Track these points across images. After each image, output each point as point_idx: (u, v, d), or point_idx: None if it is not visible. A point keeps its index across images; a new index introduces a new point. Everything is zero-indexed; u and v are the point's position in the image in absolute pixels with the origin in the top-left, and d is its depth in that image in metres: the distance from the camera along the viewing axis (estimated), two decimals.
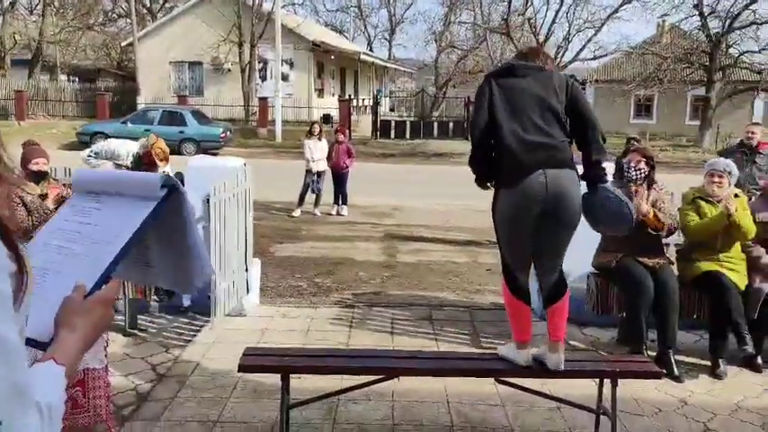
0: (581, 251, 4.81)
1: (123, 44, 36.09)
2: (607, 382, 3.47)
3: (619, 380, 4.00)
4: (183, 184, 4.54)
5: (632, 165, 4.82)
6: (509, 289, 3.38)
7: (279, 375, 3.40)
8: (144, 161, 6.08)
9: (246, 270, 5.59)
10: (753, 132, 7.30)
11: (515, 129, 3.15)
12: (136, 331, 5.09)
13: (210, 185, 4.91)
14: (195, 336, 5.03)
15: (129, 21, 33.03)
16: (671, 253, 5.02)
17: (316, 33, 34.07)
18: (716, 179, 4.79)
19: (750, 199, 5.66)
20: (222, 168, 5.36)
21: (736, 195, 4.83)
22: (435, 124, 27.89)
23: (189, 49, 30.57)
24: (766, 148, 7.31)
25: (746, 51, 29.76)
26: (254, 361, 3.40)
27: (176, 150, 20.44)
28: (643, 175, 4.80)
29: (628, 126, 35.07)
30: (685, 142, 31.05)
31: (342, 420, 3.79)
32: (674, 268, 4.88)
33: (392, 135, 27.14)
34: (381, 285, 6.92)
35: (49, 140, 22.68)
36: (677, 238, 5.08)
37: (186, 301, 5.46)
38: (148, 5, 39.96)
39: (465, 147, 27.20)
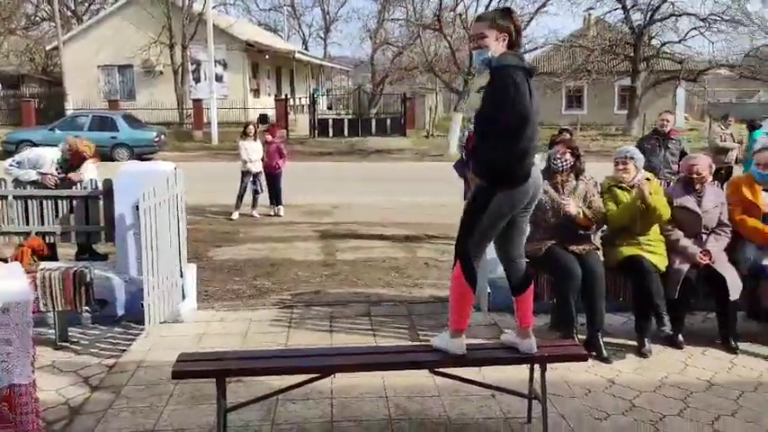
0: None
1: (48, 48, 34.85)
2: (538, 367, 3.60)
3: (549, 364, 4.17)
4: (112, 192, 4.48)
5: (558, 155, 4.99)
6: (466, 277, 3.46)
7: (214, 380, 3.39)
8: (72, 163, 5.95)
9: (181, 276, 5.53)
10: (666, 120, 7.71)
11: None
12: (67, 344, 4.97)
13: (140, 191, 4.84)
14: (130, 345, 4.94)
15: (53, 24, 31.91)
16: (597, 239, 5.21)
17: (249, 33, 33.69)
18: (620, 166, 5.03)
19: (669, 184, 5.93)
20: (152, 173, 5.27)
21: (647, 179, 5.06)
22: (373, 121, 27.98)
23: (118, 52, 29.79)
24: (677, 134, 7.73)
25: (667, 42, 30.97)
26: (187, 366, 3.37)
27: (109, 156, 19.95)
28: (568, 165, 4.98)
29: (560, 117, 35.94)
30: (615, 131, 32.09)
31: (281, 421, 3.80)
32: (600, 254, 5.07)
33: (330, 133, 27.11)
34: (320, 284, 6.94)
35: None
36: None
37: (120, 311, 5.36)
38: (73, 8, 38.69)
39: (403, 143, 27.42)
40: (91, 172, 6.02)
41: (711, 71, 32.32)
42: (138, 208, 4.71)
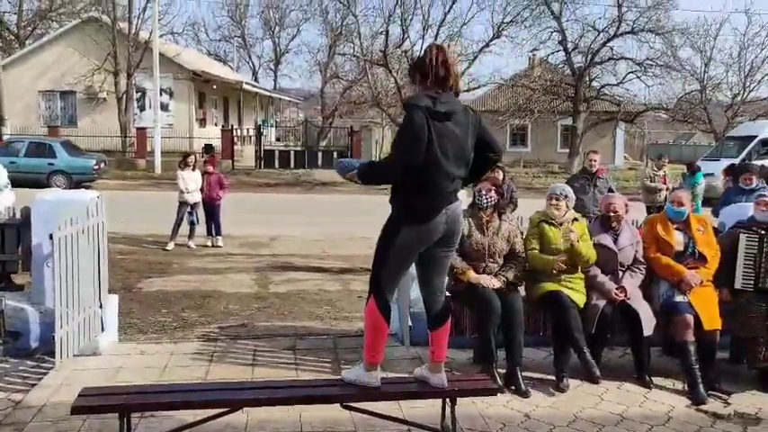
0: None
1: None
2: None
3: (468, 398, 4.22)
4: (30, 220, 4.36)
5: (483, 192, 5.10)
6: (379, 307, 3.47)
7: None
8: None
9: (101, 307, 5.38)
10: (593, 160, 8.00)
11: (438, 175, 3.35)
12: None
13: (58, 220, 4.72)
14: (41, 379, 4.76)
15: None
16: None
17: (197, 63, 33.54)
18: (553, 201, 5.17)
19: (592, 221, 6.11)
20: (72, 202, 5.15)
21: (575, 219, 5.21)
22: (320, 154, 28.06)
23: (60, 78, 29.24)
24: (604, 173, 8.03)
25: (606, 84, 32.13)
26: (89, 401, 3.28)
27: (45, 184, 19.42)
28: (493, 202, 5.09)
29: (504, 154, 36.72)
30: (557, 169, 32.95)
31: None
32: (522, 289, 5.17)
33: (276, 165, 27.06)
34: (250, 317, 6.85)
35: None
36: None
37: (34, 343, 5.17)
38: (16, 32, 37.85)
39: None
40: (7, 199, 5.86)
41: (649, 113, 33.68)
42: (51, 237, 4.59)
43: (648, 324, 4.94)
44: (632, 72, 31.54)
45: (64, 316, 4.69)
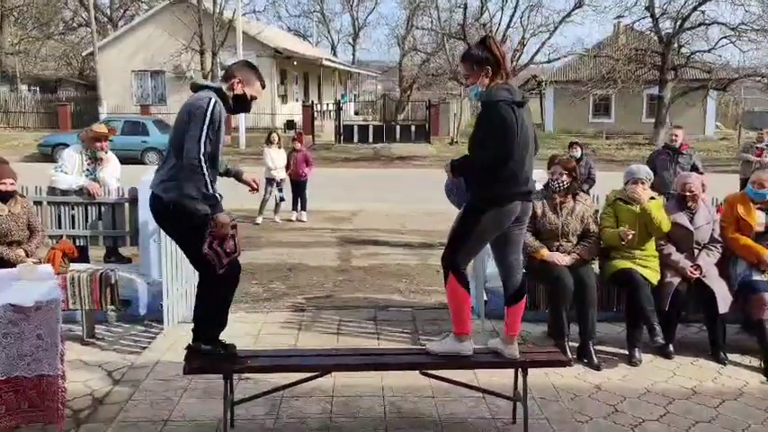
0: None
1: (84, 54, 35.89)
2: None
3: (541, 370, 4.45)
4: (137, 200, 4.94)
5: (555, 177, 5.23)
6: (460, 282, 3.73)
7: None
8: (94, 147, 6.37)
9: None
10: (675, 135, 7.90)
11: (522, 163, 3.56)
12: (94, 340, 5.36)
13: None
14: (150, 343, 5.31)
15: (89, 30, 32.86)
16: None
17: (278, 39, 34.30)
18: (631, 186, 5.20)
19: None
20: None
21: (651, 198, 5.26)
22: (398, 128, 28.29)
23: (151, 58, 30.59)
24: (687, 148, 7.91)
25: (696, 51, 30.75)
26: (197, 364, 3.70)
27: (139, 160, 20.59)
28: (564, 185, 5.21)
29: (587, 125, 35.95)
30: (642, 140, 31.92)
31: (284, 416, 4.12)
32: (595, 266, 5.31)
33: (355, 139, 27.45)
34: (333, 289, 7.26)
35: (11, 152, 22.57)
36: None
37: (142, 310, 5.73)
38: (109, 14, 39.73)
39: (427, 150, 27.58)
40: (114, 167, 6.41)
41: (746, 79, 32.00)
42: None
43: (724, 302, 4.99)
44: (725, 37, 30.04)
45: (169, 287, 5.19)
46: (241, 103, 3.76)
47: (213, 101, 3.53)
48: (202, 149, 3.45)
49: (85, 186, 6.00)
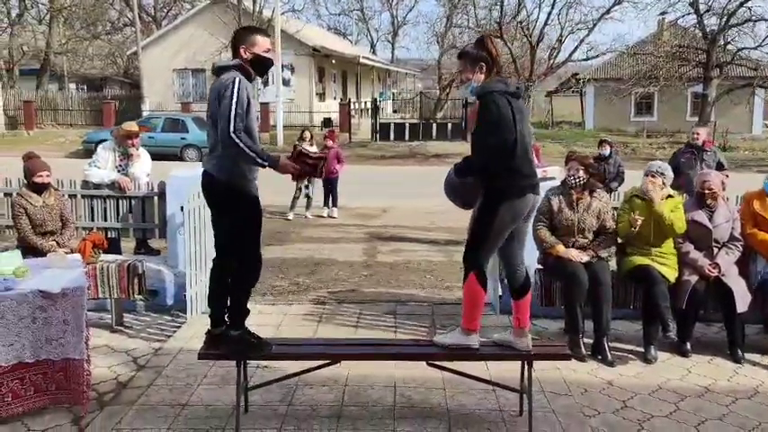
0: (528, 249, 5.29)
1: (129, 53, 36.81)
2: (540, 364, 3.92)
3: (554, 365, 4.50)
4: (165, 194, 5.18)
5: (572, 172, 5.25)
6: (480, 282, 3.81)
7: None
8: (126, 144, 6.62)
9: None
10: (697, 133, 7.84)
11: (527, 152, 3.68)
12: (122, 328, 5.58)
13: (188, 194, 5.40)
14: (175, 332, 5.50)
15: (134, 29, 33.70)
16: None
17: (316, 38, 34.62)
18: (649, 178, 5.22)
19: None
20: (199, 178, 5.80)
21: (669, 196, 5.25)
22: (434, 126, 28.30)
23: (192, 57, 31.22)
24: (711, 145, 7.82)
25: (743, 48, 29.97)
26: (212, 350, 3.86)
27: (179, 157, 21.07)
28: (582, 181, 5.23)
29: (628, 124, 35.37)
30: (685, 138, 31.17)
31: (297, 403, 4.25)
32: (612, 262, 5.31)
33: (392, 137, 27.58)
34: (357, 284, 7.38)
35: (57, 149, 23.36)
36: None
37: (169, 300, 5.94)
38: (153, 14, 40.64)
39: (463, 148, 27.58)
40: (145, 163, 6.64)
41: None
42: (182, 208, 5.26)
43: (743, 301, 4.95)
44: None
45: (193, 278, 5.38)
46: (259, 65, 3.89)
47: (237, 79, 3.68)
48: (232, 126, 3.60)
49: (117, 180, 6.24)
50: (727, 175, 7.76)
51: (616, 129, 33.40)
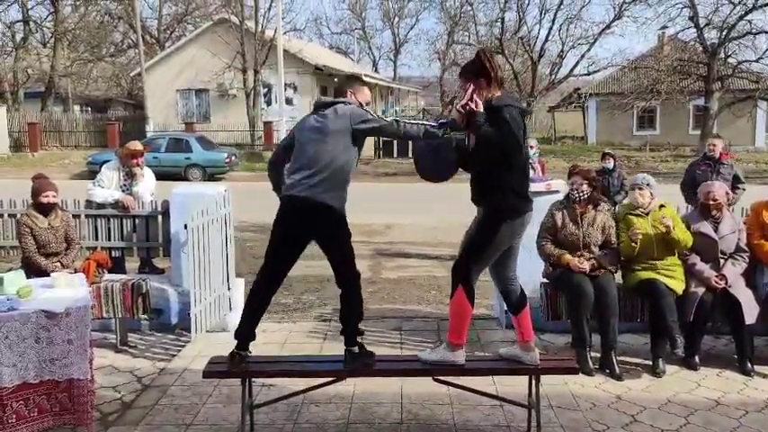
0: (534, 264, 5.27)
1: (132, 74, 37.06)
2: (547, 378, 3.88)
3: (561, 379, 4.46)
4: (169, 212, 5.17)
5: (575, 186, 5.23)
6: (468, 297, 3.80)
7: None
8: (129, 164, 6.63)
9: (229, 289, 6.05)
10: (714, 145, 7.78)
11: (527, 170, 3.79)
12: (126, 347, 5.56)
13: (192, 212, 5.40)
14: (180, 350, 5.48)
15: (138, 51, 33.96)
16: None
17: (319, 57, 34.82)
18: (636, 191, 5.22)
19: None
20: (203, 196, 5.83)
21: (662, 206, 5.23)
22: None
23: (195, 77, 31.42)
24: (727, 158, 7.77)
25: (744, 61, 30.04)
26: (216, 368, 3.84)
27: (183, 176, 21.11)
28: (585, 195, 5.21)
29: (631, 138, 35.37)
30: (688, 152, 31.24)
31: (302, 421, 4.22)
32: (617, 275, 5.28)
33: (395, 154, 27.64)
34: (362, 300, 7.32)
35: (61, 171, 23.43)
36: None
37: (174, 319, 5.92)
38: (157, 36, 40.98)
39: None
40: (149, 182, 6.64)
41: None
42: (186, 227, 5.26)
43: (751, 312, 4.91)
44: None
45: (197, 296, 5.36)
46: None
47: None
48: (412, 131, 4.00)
49: (120, 200, 6.25)
50: (744, 189, 7.71)
51: (619, 143, 33.39)
